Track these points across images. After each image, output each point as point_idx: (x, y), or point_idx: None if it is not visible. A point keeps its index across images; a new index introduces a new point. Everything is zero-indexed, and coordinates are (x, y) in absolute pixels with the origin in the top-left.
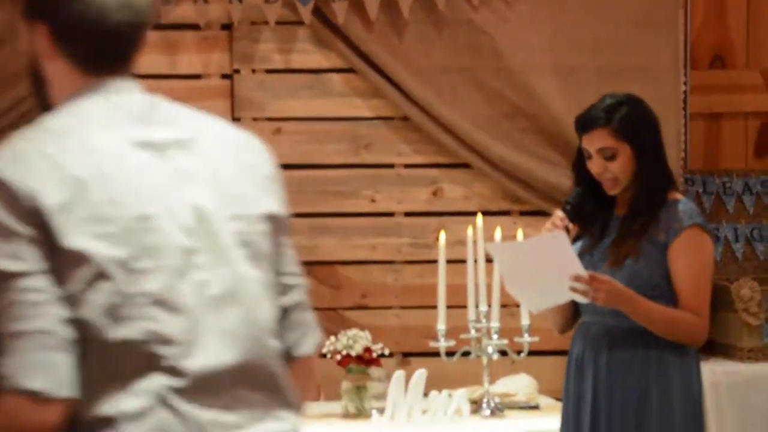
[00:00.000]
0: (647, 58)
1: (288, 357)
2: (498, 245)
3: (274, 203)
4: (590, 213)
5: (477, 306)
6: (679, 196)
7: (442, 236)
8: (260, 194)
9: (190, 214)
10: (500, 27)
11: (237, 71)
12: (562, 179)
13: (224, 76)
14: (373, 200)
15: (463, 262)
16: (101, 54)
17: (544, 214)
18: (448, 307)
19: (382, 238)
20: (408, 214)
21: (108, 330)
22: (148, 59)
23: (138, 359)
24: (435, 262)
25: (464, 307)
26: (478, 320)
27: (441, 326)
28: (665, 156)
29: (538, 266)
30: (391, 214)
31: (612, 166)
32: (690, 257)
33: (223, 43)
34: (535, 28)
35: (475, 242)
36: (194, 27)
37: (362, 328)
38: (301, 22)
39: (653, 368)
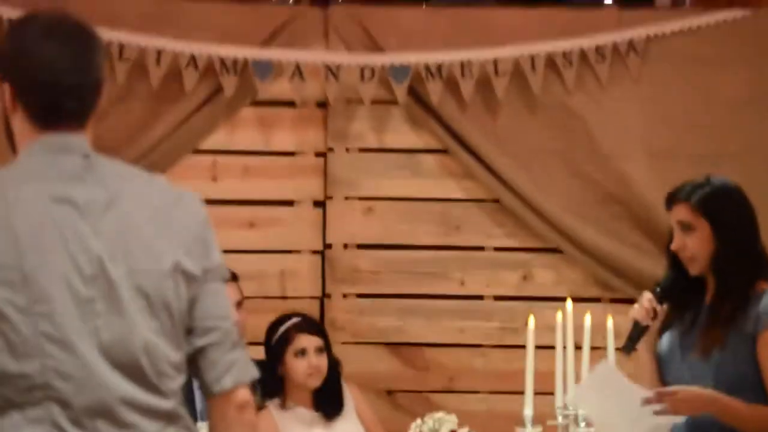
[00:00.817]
0: (745, 143)
1: (208, 394)
2: (580, 391)
3: (189, 258)
4: (683, 300)
5: (565, 392)
6: None
7: (531, 320)
8: (172, 250)
9: (91, 267)
10: (594, 110)
11: (331, 149)
12: (654, 267)
13: (318, 154)
14: (462, 283)
15: (552, 348)
16: (52, 111)
17: (635, 302)
18: (536, 393)
19: (470, 321)
20: (497, 298)
21: (8, 364)
22: (243, 135)
23: (35, 390)
24: (523, 347)
25: (552, 393)
26: (565, 407)
27: (528, 412)
28: (756, 243)
29: (611, 401)
30: (480, 297)
31: (690, 242)
32: None
33: (318, 121)
34: (629, 111)
35: (564, 327)
36: (290, 104)
37: (449, 412)
38: (395, 102)
39: None
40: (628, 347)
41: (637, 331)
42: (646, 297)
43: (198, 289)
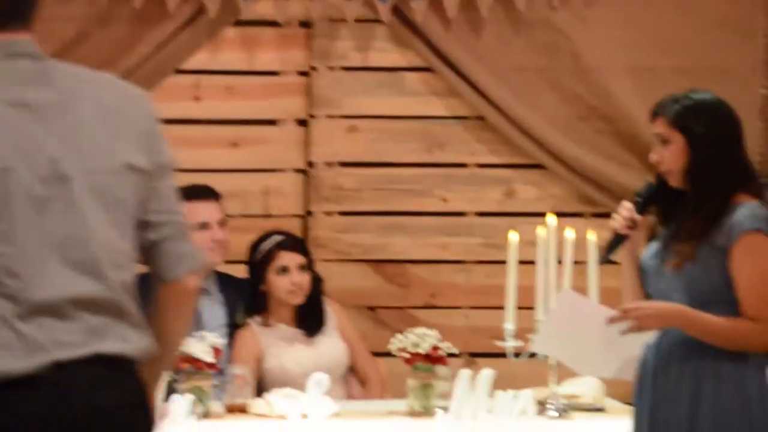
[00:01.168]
0: (726, 61)
1: (161, 281)
2: (539, 344)
3: (141, 155)
4: (668, 211)
5: (546, 307)
6: (748, 199)
7: (513, 236)
8: (124, 148)
9: (46, 168)
10: (578, 27)
11: (314, 68)
12: (636, 181)
13: (301, 73)
14: (445, 200)
15: (534, 263)
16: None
17: None
18: (518, 308)
19: (453, 238)
20: (480, 214)
21: None
22: (226, 55)
23: None
24: (505, 262)
25: (533, 308)
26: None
27: (509, 326)
28: (733, 156)
29: (580, 332)
30: (462, 214)
31: (665, 154)
32: (750, 264)
33: (301, 41)
34: (613, 28)
35: (546, 243)
36: (273, 24)
37: (431, 327)
38: (379, 20)
39: (706, 379)
40: (604, 256)
41: (615, 240)
42: (625, 206)
43: (150, 184)
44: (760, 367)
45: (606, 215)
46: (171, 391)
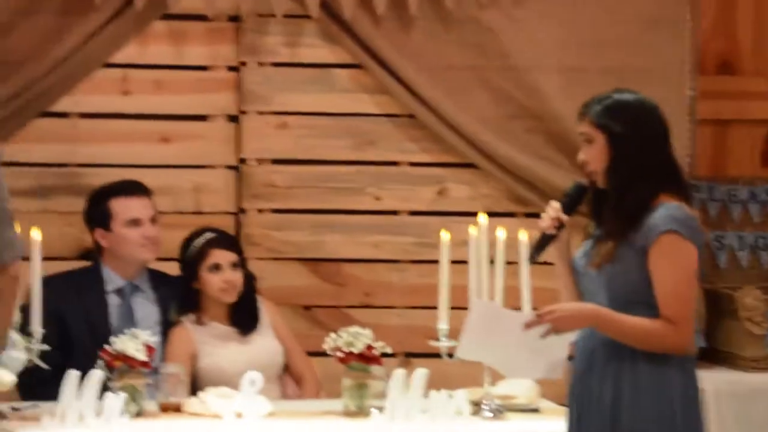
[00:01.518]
0: (654, 61)
1: None
2: (463, 350)
3: None
4: (599, 212)
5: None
6: (670, 200)
7: (444, 236)
8: None
9: None
10: (507, 26)
11: (244, 63)
12: (568, 181)
13: (231, 68)
14: (377, 198)
15: (467, 262)
16: None
17: None
18: (452, 308)
19: (386, 236)
20: (413, 213)
21: None
22: (155, 49)
23: None
24: (438, 262)
25: (466, 308)
26: None
27: (442, 326)
28: (655, 156)
29: (500, 338)
30: (395, 213)
31: (588, 154)
32: (666, 264)
33: (231, 35)
34: (543, 27)
35: (477, 242)
36: (202, 18)
37: (366, 326)
38: (308, 16)
39: (626, 380)
40: (532, 256)
41: (542, 240)
42: (552, 206)
43: None
44: (684, 370)
45: (538, 215)
46: (104, 389)
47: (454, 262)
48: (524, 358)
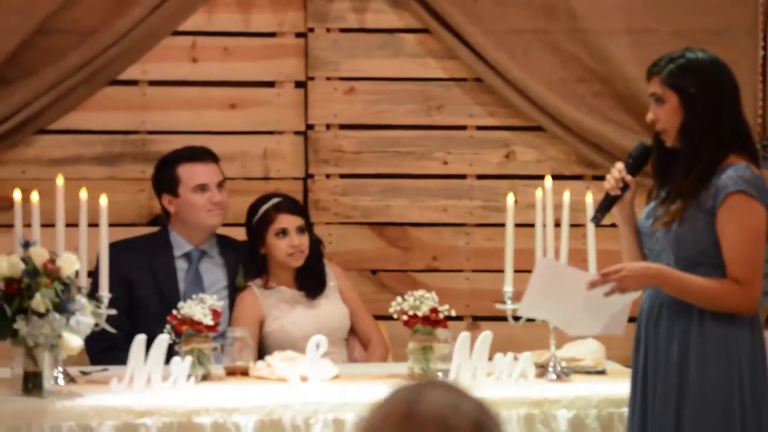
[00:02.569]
0: (724, 22)
1: None
2: (525, 307)
3: None
4: (666, 172)
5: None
6: (739, 161)
7: (510, 198)
8: None
9: None
10: None
11: (311, 30)
12: (635, 143)
13: (298, 35)
14: (445, 162)
15: (534, 225)
16: None
17: None
18: (518, 271)
19: (453, 201)
20: (480, 177)
21: None
22: (223, 17)
23: None
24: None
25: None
26: None
27: (508, 289)
28: (727, 116)
29: (563, 297)
30: (463, 177)
31: (660, 114)
32: (734, 225)
33: (298, 2)
34: None
35: (544, 205)
36: None
37: (432, 290)
38: None
39: (693, 339)
40: (595, 217)
41: (606, 201)
42: (617, 167)
43: None
44: (752, 330)
45: (605, 178)
46: (171, 353)
47: (521, 225)
48: (586, 315)
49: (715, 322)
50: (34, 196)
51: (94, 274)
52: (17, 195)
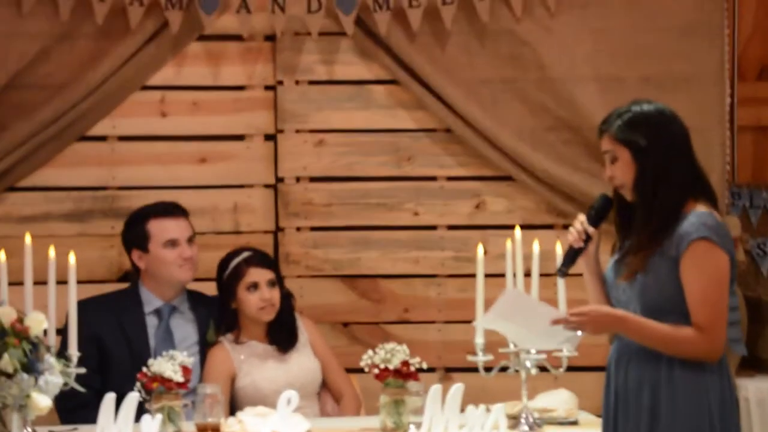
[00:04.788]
0: (691, 69)
1: None
2: (484, 321)
3: None
4: (627, 224)
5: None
6: (700, 207)
7: (480, 250)
8: None
9: None
10: (543, 38)
11: (280, 82)
12: (605, 192)
13: (267, 87)
14: (416, 213)
15: (504, 275)
16: None
17: None
18: None
19: (425, 252)
20: (451, 227)
21: None
22: (192, 71)
23: None
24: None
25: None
26: None
27: (479, 340)
28: (681, 164)
29: (524, 322)
30: (434, 228)
31: (615, 171)
32: (696, 272)
33: (267, 54)
34: (578, 38)
35: (513, 256)
36: (238, 38)
37: (405, 342)
38: (343, 33)
39: (663, 387)
40: (561, 270)
41: (570, 254)
42: (579, 219)
43: None
44: (720, 377)
45: None
46: (142, 411)
47: (492, 275)
48: (543, 336)
49: (684, 369)
50: (2, 255)
51: (63, 332)
52: None
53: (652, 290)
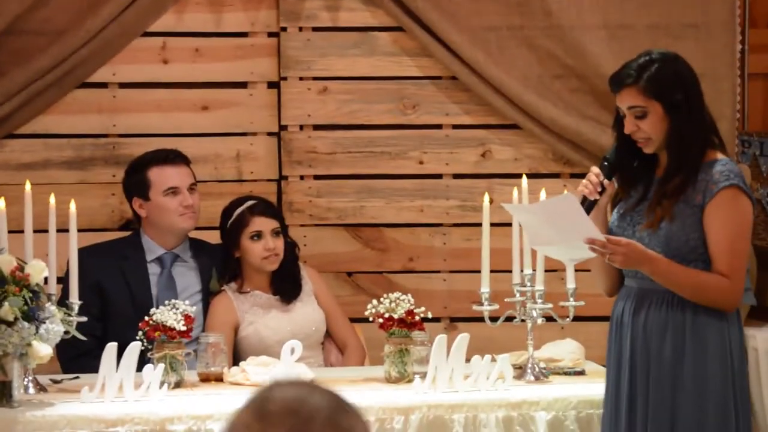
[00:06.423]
0: (702, 16)
1: None
2: (514, 206)
3: None
4: (634, 173)
5: (522, 270)
6: (720, 155)
7: (486, 198)
8: None
9: None
10: None
11: (284, 29)
12: (612, 140)
13: (271, 34)
14: (420, 162)
15: (511, 225)
16: None
17: None
18: (494, 271)
19: (429, 201)
20: (456, 176)
21: None
22: (193, 17)
23: None
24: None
25: (510, 271)
26: (522, 284)
27: (485, 290)
28: (704, 115)
29: (557, 226)
30: (439, 176)
31: (643, 125)
32: (723, 219)
33: (270, 1)
34: None
35: (520, 204)
36: None
37: (409, 292)
38: None
39: (688, 332)
40: None
41: (584, 205)
42: (593, 171)
43: None
44: (740, 326)
45: (582, 175)
46: (144, 360)
47: (498, 224)
48: (565, 244)
49: (708, 315)
50: (1, 203)
51: (64, 281)
52: None
53: (678, 237)
